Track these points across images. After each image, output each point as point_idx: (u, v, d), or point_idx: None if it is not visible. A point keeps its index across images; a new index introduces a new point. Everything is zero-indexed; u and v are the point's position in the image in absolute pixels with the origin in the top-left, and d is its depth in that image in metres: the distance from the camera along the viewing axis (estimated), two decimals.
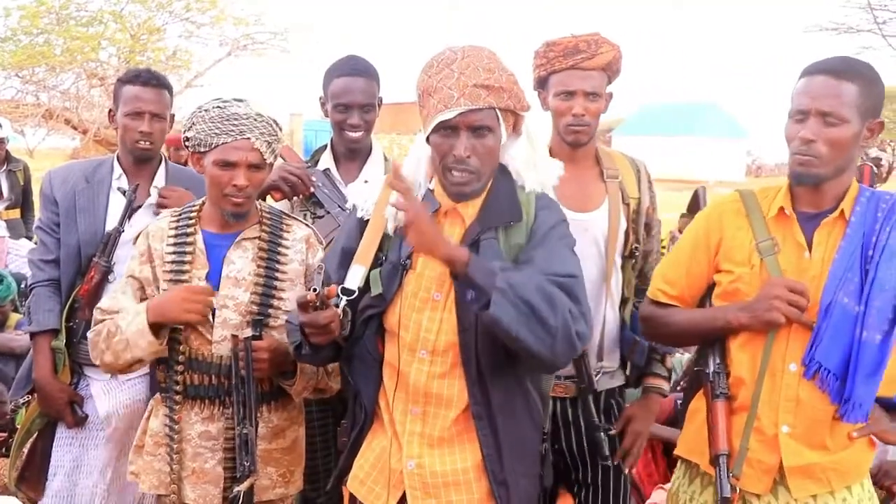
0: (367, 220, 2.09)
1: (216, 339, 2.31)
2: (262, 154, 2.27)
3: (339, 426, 3.05)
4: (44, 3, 17.66)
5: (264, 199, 2.92)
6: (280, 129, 2.35)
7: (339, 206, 2.87)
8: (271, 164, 2.36)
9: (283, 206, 2.97)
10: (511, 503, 1.99)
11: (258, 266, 2.36)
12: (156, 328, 2.24)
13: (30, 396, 3.21)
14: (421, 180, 2.08)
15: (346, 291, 1.96)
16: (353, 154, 3.01)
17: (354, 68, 2.93)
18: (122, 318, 2.29)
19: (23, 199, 7.29)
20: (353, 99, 2.89)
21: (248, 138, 2.24)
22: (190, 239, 2.36)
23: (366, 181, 2.94)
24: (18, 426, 3.85)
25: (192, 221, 2.39)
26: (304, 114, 23.31)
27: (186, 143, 2.32)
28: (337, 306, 1.93)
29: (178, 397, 2.33)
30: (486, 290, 1.78)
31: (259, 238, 2.39)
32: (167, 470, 2.34)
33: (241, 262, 2.36)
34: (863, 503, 2.14)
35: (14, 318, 4.84)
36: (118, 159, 2.93)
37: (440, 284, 1.99)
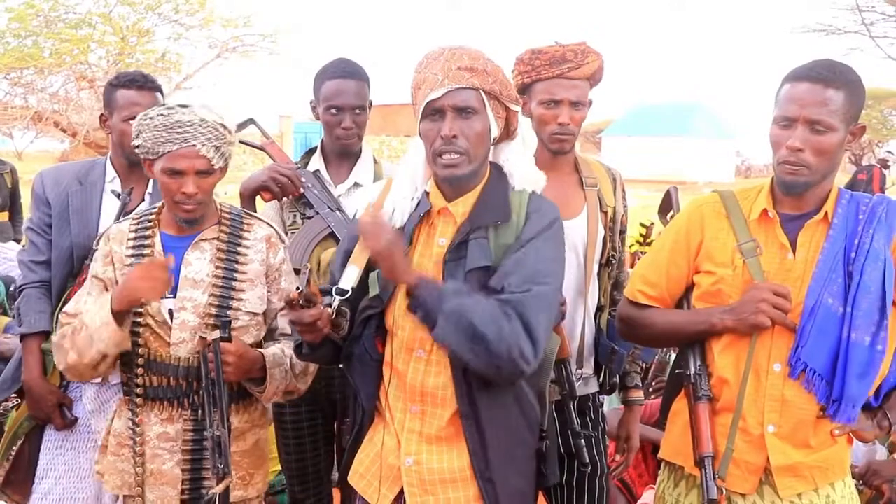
0: None
1: (174, 340, 2.31)
2: (209, 160, 2.25)
3: (328, 427, 3.06)
4: (32, 5, 17.61)
5: (254, 200, 2.93)
6: (229, 132, 2.32)
7: (329, 207, 2.88)
8: (223, 168, 2.34)
9: (272, 206, 2.98)
10: (499, 501, 2.00)
11: (216, 267, 2.35)
12: (119, 317, 2.22)
13: (19, 400, 3.19)
14: (418, 183, 2.09)
15: (340, 291, 1.99)
16: (343, 156, 3.01)
17: (346, 71, 2.93)
18: (87, 314, 2.27)
19: (11, 202, 7.26)
20: (345, 101, 2.89)
21: (194, 145, 2.22)
22: (148, 241, 2.36)
23: (355, 182, 2.98)
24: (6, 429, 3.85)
25: (151, 224, 2.39)
26: (293, 116, 23.33)
27: (137, 150, 2.30)
28: (330, 306, 1.95)
29: (138, 399, 2.33)
30: (432, 313, 1.86)
31: (217, 239, 2.38)
32: (130, 471, 2.34)
33: (199, 263, 2.36)
34: (846, 499, 2.15)
35: (2, 321, 4.81)
36: (111, 161, 2.92)
37: None
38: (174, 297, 2.32)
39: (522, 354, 1.87)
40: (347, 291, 1.99)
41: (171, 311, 2.32)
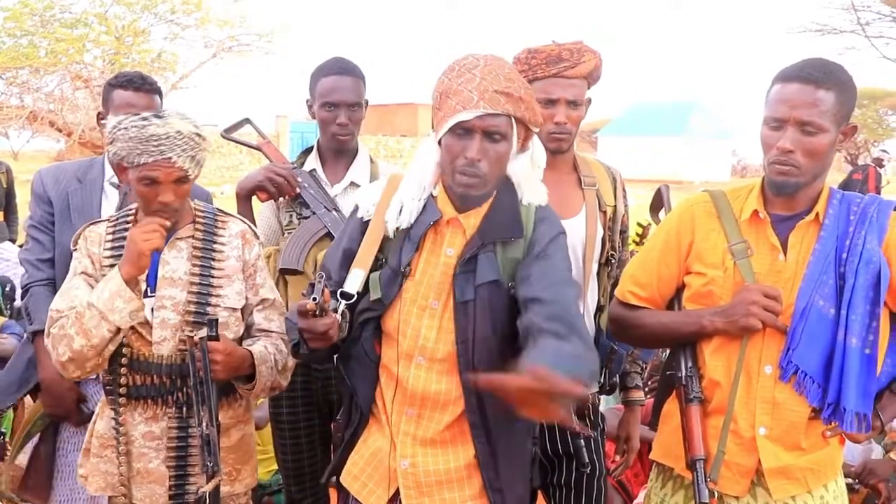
0: (368, 222, 2.10)
1: (156, 339, 2.32)
2: (185, 170, 2.26)
3: (325, 427, 3.06)
4: (27, 4, 17.60)
5: (250, 200, 2.93)
6: (203, 139, 2.32)
7: (325, 207, 2.87)
8: (198, 174, 2.35)
9: (268, 206, 2.98)
10: None
11: (193, 265, 2.37)
12: (131, 285, 2.22)
13: (17, 400, 3.17)
14: (426, 185, 2.08)
15: (345, 295, 1.99)
16: (339, 154, 3.02)
17: (342, 68, 2.94)
18: (90, 296, 2.24)
19: (6, 202, 7.24)
20: (340, 98, 2.89)
21: (170, 158, 2.23)
22: (125, 243, 2.34)
23: (351, 182, 2.97)
24: (3, 430, 3.82)
25: (129, 226, 2.38)
26: (289, 115, 23.34)
27: (111, 156, 2.30)
28: (335, 310, 1.94)
29: (122, 399, 2.34)
30: None
31: (193, 237, 2.40)
32: (114, 472, 2.35)
33: (176, 261, 2.37)
34: (838, 500, 2.15)
35: None
36: (109, 160, 2.92)
37: (438, 293, 2.02)
38: (153, 295, 2.32)
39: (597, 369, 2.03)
40: (353, 296, 1.99)
41: (151, 310, 2.33)
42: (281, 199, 2.93)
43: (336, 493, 2.24)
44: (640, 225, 5.53)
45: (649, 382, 4.43)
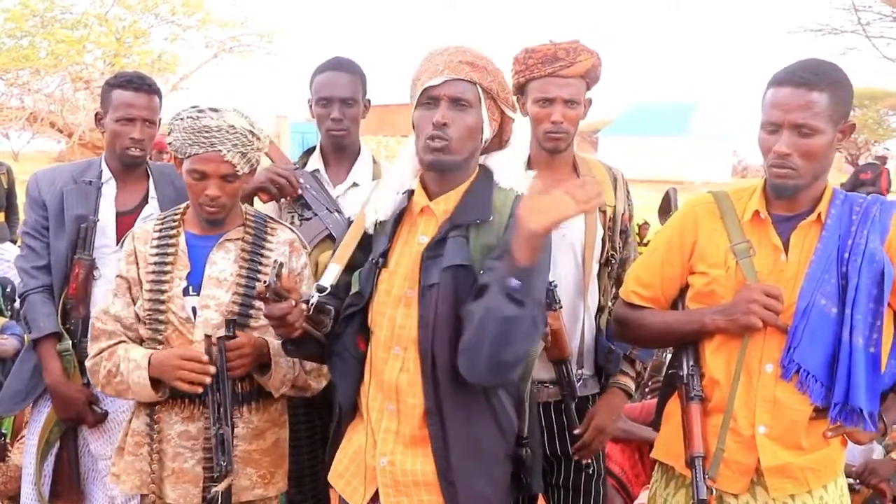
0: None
1: (197, 338, 2.33)
2: (234, 166, 2.28)
3: (325, 428, 3.05)
4: (28, 5, 17.60)
5: (252, 201, 2.93)
6: (258, 138, 2.34)
7: (327, 208, 2.88)
8: (249, 173, 2.37)
9: (270, 207, 2.97)
10: (459, 502, 1.98)
11: (240, 267, 2.38)
12: (155, 381, 2.28)
13: None
14: (407, 177, 2.10)
15: (320, 288, 2.02)
16: (341, 155, 3.02)
17: (337, 64, 2.96)
18: (124, 361, 2.30)
19: (7, 203, 7.23)
20: (333, 93, 2.90)
21: (219, 151, 2.25)
22: (173, 241, 2.39)
23: (354, 182, 2.97)
24: (3, 431, 3.83)
25: (176, 223, 2.42)
26: (290, 116, 23.37)
27: (168, 147, 2.35)
28: (307, 302, 1.98)
29: (158, 395, 2.34)
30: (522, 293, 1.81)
31: (242, 240, 2.42)
32: (148, 470, 2.36)
33: (224, 262, 2.39)
34: (838, 500, 2.16)
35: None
36: (106, 162, 2.91)
37: (413, 282, 2.02)
38: (198, 294, 2.35)
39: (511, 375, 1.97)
40: (326, 288, 2.02)
41: (194, 309, 2.35)
42: (283, 200, 2.93)
43: (336, 496, 2.24)
44: (637, 224, 5.56)
45: (650, 383, 4.44)
